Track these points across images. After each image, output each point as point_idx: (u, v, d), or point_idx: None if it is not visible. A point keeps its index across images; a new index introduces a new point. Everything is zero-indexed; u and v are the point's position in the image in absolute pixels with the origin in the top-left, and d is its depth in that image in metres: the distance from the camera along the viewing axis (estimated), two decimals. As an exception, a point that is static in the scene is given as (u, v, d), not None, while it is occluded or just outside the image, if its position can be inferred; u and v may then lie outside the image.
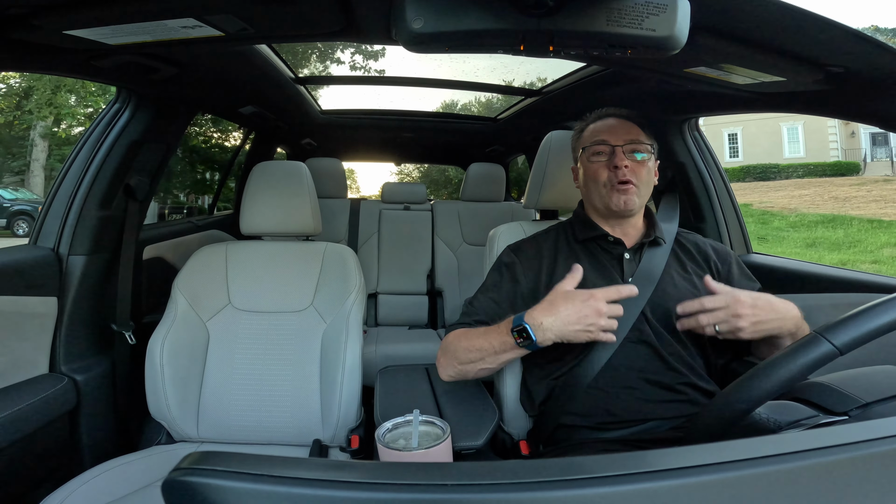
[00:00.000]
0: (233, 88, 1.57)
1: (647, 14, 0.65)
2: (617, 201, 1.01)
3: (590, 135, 1.08)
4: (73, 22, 0.78)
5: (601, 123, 1.08)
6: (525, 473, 0.33)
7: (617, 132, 1.04)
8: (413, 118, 2.58)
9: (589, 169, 1.06)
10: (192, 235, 1.90)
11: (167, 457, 1.11)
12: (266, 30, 0.90)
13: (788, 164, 17.77)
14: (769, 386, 0.56)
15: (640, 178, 1.02)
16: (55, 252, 1.21)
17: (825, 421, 0.57)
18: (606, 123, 1.07)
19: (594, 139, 1.05)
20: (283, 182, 1.33)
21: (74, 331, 1.21)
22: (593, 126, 1.09)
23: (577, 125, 1.15)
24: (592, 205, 1.08)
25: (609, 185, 1.02)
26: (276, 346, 1.24)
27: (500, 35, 0.68)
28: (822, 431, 0.46)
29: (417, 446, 0.71)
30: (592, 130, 1.08)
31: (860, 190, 13.55)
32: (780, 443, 0.39)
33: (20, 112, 9.69)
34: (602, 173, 1.03)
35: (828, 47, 0.75)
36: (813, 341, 0.56)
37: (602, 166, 1.03)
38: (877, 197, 12.66)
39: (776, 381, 0.56)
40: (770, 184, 16.07)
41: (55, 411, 1.12)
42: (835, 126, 17.93)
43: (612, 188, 1.02)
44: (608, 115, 1.09)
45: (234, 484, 0.32)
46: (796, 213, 12.24)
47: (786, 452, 0.36)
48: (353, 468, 0.36)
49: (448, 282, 2.50)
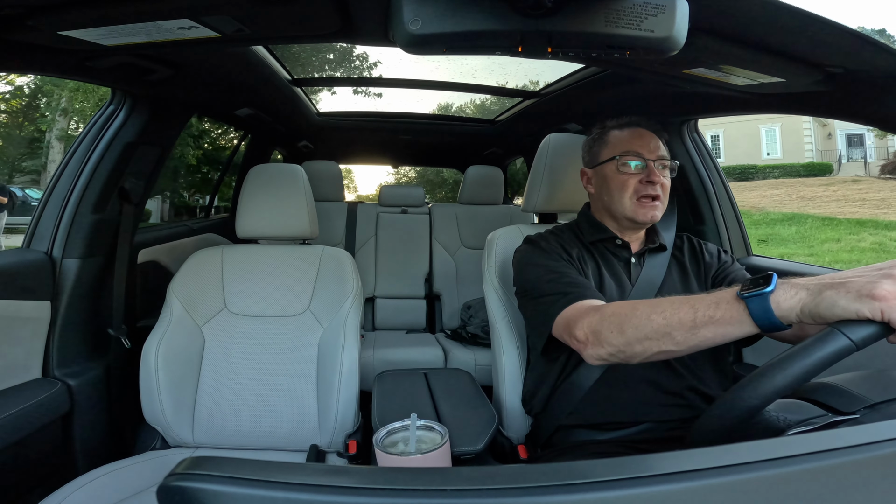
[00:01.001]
0: (229, 90, 1.57)
1: (645, 15, 0.64)
2: (644, 215, 1.00)
3: (619, 143, 1.04)
4: (67, 22, 0.77)
5: (630, 132, 1.05)
6: (525, 478, 0.33)
7: (649, 146, 1.02)
8: (410, 120, 2.57)
9: (617, 178, 1.03)
10: (188, 239, 1.89)
11: (162, 462, 1.10)
12: (262, 31, 0.90)
13: (766, 165, 18.04)
14: (784, 381, 0.55)
15: (666, 194, 1.02)
16: (49, 256, 1.19)
17: (834, 420, 0.56)
18: (636, 133, 1.04)
19: (628, 149, 1.02)
20: (279, 185, 1.32)
21: (68, 335, 1.20)
22: (620, 134, 1.05)
23: (595, 128, 1.12)
24: (610, 212, 1.06)
25: (636, 196, 1.01)
26: (273, 350, 1.23)
27: (499, 36, 0.68)
28: (829, 433, 0.45)
29: (416, 451, 0.70)
30: (622, 139, 1.04)
31: (827, 190, 13.94)
32: (785, 445, 0.38)
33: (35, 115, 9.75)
34: (632, 185, 1.01)
35: (826, 48, 0.75)
36: (829, 335, 0.54)
37: (633, 178, 1.01)
38: (840, 196, 13.05)
39: (791, 376, 0.54)
40: (747, 184, 16.30)
41: (48, 416, 1.10)
42: (810, 128, 18.24)
43: (639, 201, 1.01)
44: (635, 123, 1.06)
45: (229, 489, 0.31)
46: (762, 211, 12.54)
47: (791, 455, 0.35)
48: (351, 473, 0.35)
49: (446, 286, 2.49)
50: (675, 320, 0.69)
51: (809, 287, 0.58)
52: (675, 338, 0.69)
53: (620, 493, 0.32)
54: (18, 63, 0.92)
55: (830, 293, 0.55)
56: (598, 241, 1.07)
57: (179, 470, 0.32)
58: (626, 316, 0.75)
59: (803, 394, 0.63)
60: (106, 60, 0.98)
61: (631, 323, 0.73)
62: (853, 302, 0.53)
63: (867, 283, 0.54)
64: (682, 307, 0.69)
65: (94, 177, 1.23)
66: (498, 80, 1.91)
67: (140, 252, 1.53)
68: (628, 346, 0.74)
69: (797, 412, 0.60)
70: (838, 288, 0.55)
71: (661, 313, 0.70)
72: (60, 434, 1.17)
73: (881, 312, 0.52)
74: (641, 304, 0.75)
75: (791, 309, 0.58)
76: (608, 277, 1.02)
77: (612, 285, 1.01)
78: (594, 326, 0.78)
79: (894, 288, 0.52)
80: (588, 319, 0.80)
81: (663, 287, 1.01)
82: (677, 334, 0.68)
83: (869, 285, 0.53)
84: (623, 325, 0.74)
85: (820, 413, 0.59)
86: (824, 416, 0.58)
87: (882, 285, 0.52)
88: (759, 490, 0.34)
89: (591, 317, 0.80)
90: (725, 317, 0.64)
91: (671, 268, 1.05)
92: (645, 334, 0.71)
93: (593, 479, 0.33)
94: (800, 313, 0.58)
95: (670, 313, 0.69)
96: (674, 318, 0.69)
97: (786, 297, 0.59)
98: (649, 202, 1.00)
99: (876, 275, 0.54)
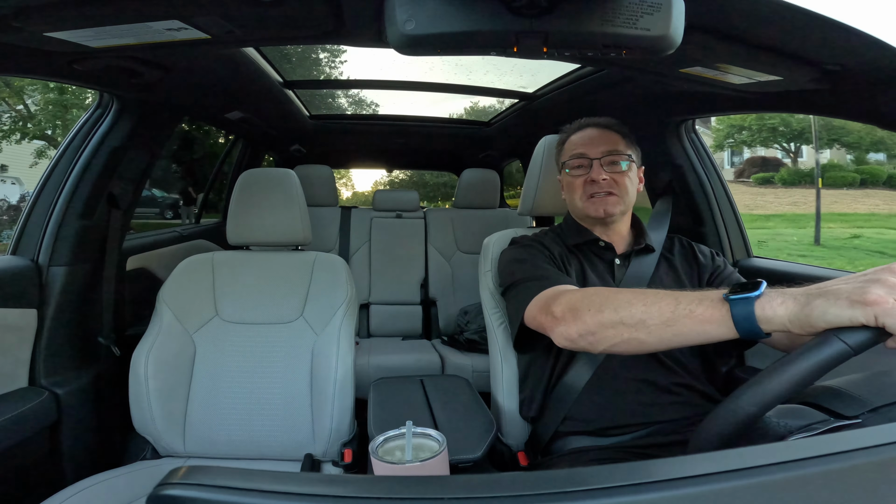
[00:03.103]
0: (219, 93, 1.55)
1: (641, 13, 0.64)
2: (596, 210, 1.03)
3: (570, 147, 1.09)
4: (54, 23, 0.76)
5: (580, 135, 1.09)
6: (524, 486, 0.32)
7: (595, 144, 1.05)
8: (404, 123, 2.55)
9: (569, 181, 1.08)
10: (177, 245, 1.87)
11: (152, 472, 1.07)
12: (253, 32, 0.89)
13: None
14: (781, 388, 0.54)
15: (622, 188, 1.03)
16: (35, 263, 1.17)
17: (836, 425, 0.55)
18: (586, 135, 1.08)
19: (573, 153, 1.07)
20: (270, 190, 1.30)
21: (55, 343, 1.17)
22: (573, 138, 1.10)
23: (559, 136, 1.16)
24: (576, 214, 1.10)
25: (585, 196, 1.04)
26: (265, 358, 1.21)
27: (494, 36, 0.67)
28: (832, 437, 0.45)
29: (412, 459, 0.69)
30: (572, 143, 1.09)
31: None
32: (789, 450, 0.38)
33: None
34: (580, 185, 1.05)
35: (823, 45, 0.75)
36: (826, 340, 0.54)
37: (580, 179, 1.05)
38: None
39: (788, 382, 0.54)
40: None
41: (35, 426, 1.08)
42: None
43: (588, 199, 1.03)
44: (588, 125, 1.10)
45: (221, 498, 0.30)
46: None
47: (795, 459, 0.35)
48: (347, 483, 0.35)
49: (442, 291, 2.47)
50: (655, 309, 0.68)
51: (797, 297, 0.58)
52: (650, 327, 0.68)
53: (621, 499, 0.32)
54: (3, 65, 0.90)
55: (820, 301, 0.55)
56: (581, 244, 1.07)
57: (170, 480, 0.32)
58: (607, 297, 0.75)
59: (804, 398, 0.62)
60: (93, 62, 0.96)
61: (611, 304, 0.73)
62: (846, 308, 0.53)
63: (857, 288, 0.53)
64: (666, 298, 0.68)
65: (81, 182, 1.21)
66: (493, 82, 1.91)
67: (129, 259, 1.51)
68: (601, 327, 0.73)
69: (798, 417, 0.59)
70: (827, 296, 0.55)
71: (643, 300, 0.70)
72: (47, 444, 1.14)
73: (875, 317, 0.51)
74: (626, 290, 0.76)
75: (777, 317, 0.58)
76: (592, 277, 1.02)
77: (596, 284, 1.00)
78: (574, 303, 0.78)
79: (884, 292, 0.52)
80: (569, 296, 0.80)
81: (651, 286, 1.00)
82: (652, 324, 0.68)
83: (859, 291, 0.53)
84: (602, 305, 0.74)
85: (822, 418, 0.58)
86: (826, 420, 0.57)
87: (873, 290, 0.52)
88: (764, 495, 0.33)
89: (573, 294, 0.80)
90: (706, 315, 0.63)
91: (659, 270, 1.05)
92: (621, 318, 0.71)
93: (593, 486, 0.32)
94: (788, 323, 0.57)
95: (652, 301, 0.69)
96: (654, 306, 0.68)
97: (772, 304, 0.58)
98: (600, 197, 1.02)
99: (864, 281, 0.54)
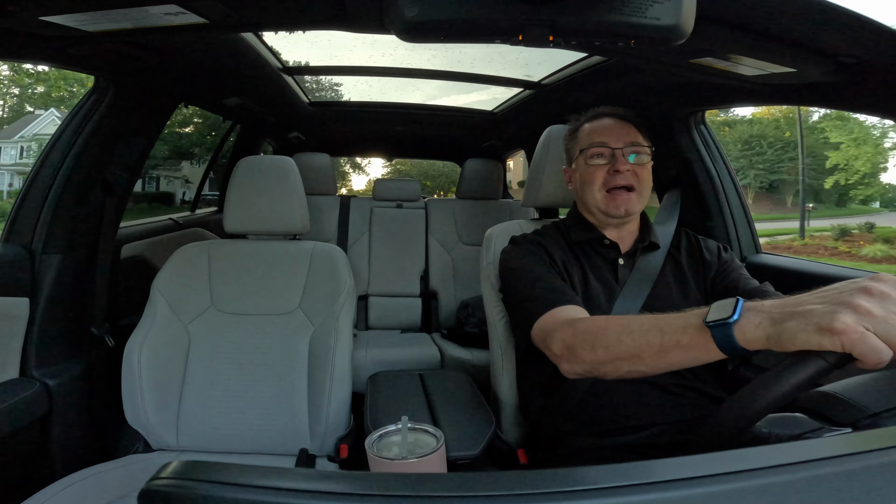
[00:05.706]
0: (217, 79, 1.53)
1: (651, 2, 0.62)
2: (617, 209, 0.98)
3: (587, 136, 1.04)
4: (49, 7, 0.74)
5: (598, 123, 1.04)
6: (524, 484, 0.32)
7: (616, 133, 1.01)
8: (405, 110, 2.51)
9: (586, 172, 1.02)
10: (173, 234, 1.85)
11: (144, 466, 1.06)
12: (252, 17, 0.87)
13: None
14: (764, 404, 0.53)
15: (642, 182, 1.00)
16: (28, 250, 1.15)
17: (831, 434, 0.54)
18: (604, 124, 1.04)
19: (592, 141, 1.02)
20: (268, 178, 1.28)
21: (47, 333, 1.16)
22: (589, 126, 1.05)
23: (569, 125, 1.11)
24: (588, 208, 1.05)
25: (606, 189, 0.99)
26: (261, 350, 1.20)
27: (498, 24, 0.66)
28: (834, 440, 0.43)
29: (409, 455, 0.67)
30: (589, 131, 1.04)
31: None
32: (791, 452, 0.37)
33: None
34: (600, 177, 1.00)
35: (836, 36, 0.73)
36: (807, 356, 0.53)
37: (601, 169, 1.00)
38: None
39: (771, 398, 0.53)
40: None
41: (25, 418, 1.07)
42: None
43: (608, 193, 0.99)
44: (605, 114, 1.06)
45: (214, 494, 0.30)
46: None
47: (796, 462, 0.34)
48: (342, 479, 0.34)
49: (443, 283, 2.45)
50: (644, 342, 0.68)
51: (773, 316, 0.57)
52: (645, 360, 0.69)
53: (621, 499, 0.31)
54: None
55: (791, 325, 0.54)
56: (585, 242, 1.04)
57: (162, 474, 0.32)
58: (596, 335, 0.75)
59: (801, 404, 0.60)
60: (89, 47, 0.95)
61: (601, 343, 0.74)
62: (813, 335, 0.52)
63: (826, 313, 0.52)
64: (651, 330, 0.68)
65: (75, 168, 1.18)
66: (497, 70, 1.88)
67: (123, 247, 1.49)
68: (601, 364, 0.74)
69: (791, 427, 0.57)
70: (799, 318, 0.54)
71: (630, 335, 0.70)
72: (38, 436, 1.13)
73: (842, 346, 0.50)
74: (612, 323, 0.75)
75: (756, 339, 0.57)
76: (594, 281, 0.99)
77: (598, 289, 0.98)
78: (568, 342, 0.78)
79: (853, 320, 0.50)
80: (562, 334, 0.80)
81: (656, 289, 0.98)
82: (646, 357, 0.68)
83: (828, 317, 0.51)
84: (594, 344, 0.74)
85: (816, 426, 0.56)
86: (820, 428, 0.56)
87: (840, 318, 0.51)
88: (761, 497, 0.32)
89: (566, 331, 0.80)
90: (692, 343, 0.64)
91: (666, 268, 1.02)
92: (615, 355, 0.71)
93: (595, 485, 0.31)
94: (767, 342, 0.57)
95: (639, 335, 0.69)
96: (642, 340, 0.69)
97: (750, 326, 0.58)
98: (622, 194, 0.98)
99: (836, 304, 0.53)
